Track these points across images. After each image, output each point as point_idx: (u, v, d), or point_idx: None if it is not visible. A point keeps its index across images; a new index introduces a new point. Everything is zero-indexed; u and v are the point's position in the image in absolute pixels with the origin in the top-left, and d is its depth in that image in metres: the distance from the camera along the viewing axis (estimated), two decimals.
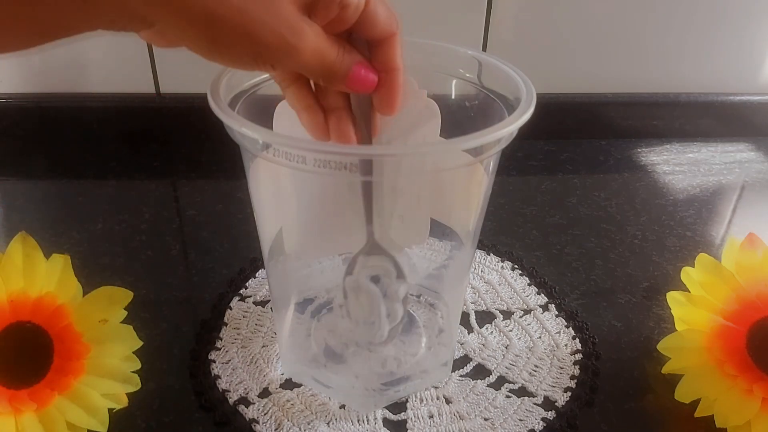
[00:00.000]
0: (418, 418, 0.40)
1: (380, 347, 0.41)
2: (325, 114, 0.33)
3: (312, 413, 0.40)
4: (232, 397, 0.41)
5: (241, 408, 0.40)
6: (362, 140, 0.34)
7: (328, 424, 0.40)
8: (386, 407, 0.41)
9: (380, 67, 0.31)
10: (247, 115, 0.31)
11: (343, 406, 0.41)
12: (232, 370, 0.43)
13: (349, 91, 0.31)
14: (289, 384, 0.42)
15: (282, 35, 0.26)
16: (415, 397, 0.41)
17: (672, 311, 0.43)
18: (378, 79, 0.31)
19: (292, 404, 0.40)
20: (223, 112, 0.31)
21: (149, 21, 0.25)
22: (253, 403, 0.40)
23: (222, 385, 0.42)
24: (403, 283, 0.37)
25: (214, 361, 0.43)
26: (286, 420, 0.39)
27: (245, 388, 0.41)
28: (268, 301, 0.49)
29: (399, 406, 0.41)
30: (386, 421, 0.40)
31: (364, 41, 0.30)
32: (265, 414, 0.40)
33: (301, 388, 0.42)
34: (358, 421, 0.40)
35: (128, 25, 0.25)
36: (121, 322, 0.40)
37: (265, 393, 0.41)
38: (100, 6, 0.24)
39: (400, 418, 0.40)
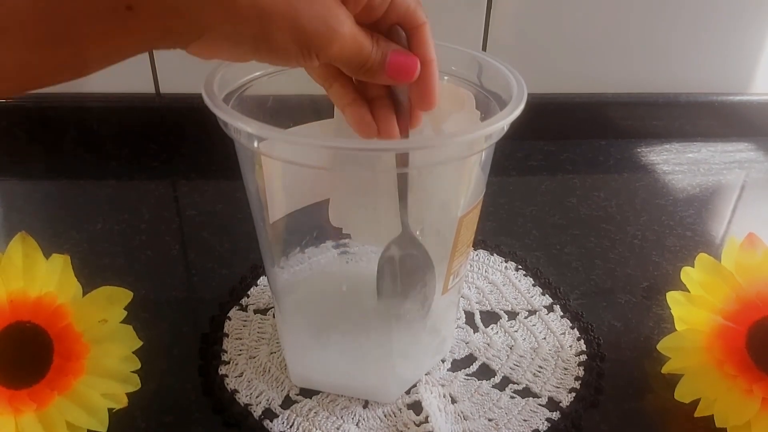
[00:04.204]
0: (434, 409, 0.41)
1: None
2: (370, 109, 0.34)
3: (338, 417, 0.40)
4: (257, 411, 0.40)
5: (266, 423, 0.40)
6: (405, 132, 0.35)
7: (357, 425, 0.40)
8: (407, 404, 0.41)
9: None
10: (241, 111, 0.32)
11: (366, 405, 0.41)
12: (248, 382, 0.42)
13: (391, 81, 0.31)
14: (307, 390, 0.42)
15: (325, 21, 0.27)
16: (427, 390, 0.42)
17: (672, 311, 0.43)
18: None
19: (316, 413, 0.40)
20: (218, 107, 0.31)
21: (201, 29, 0.25)
22: (278, 416, 0.40)
23: (242, 399, 0.41)
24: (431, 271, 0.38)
25: (227, 376, 0.43)
26: (315, 429, 0.39)
27: (267, 399, 0.41)
28: (269, 308, 0.48)
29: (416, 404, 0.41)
30: (411, 406, 0.41)
31: (402, 37, 0.31)
32: (291, 426, 0.40)
33: (320, 395, 0.42)
34: (385, 415, 0.40)
35: (179, 38, 0.26)
36: (120, 322, 0.40)
37: (287, 402, 0.41)
38: (149, 19, 0.24)
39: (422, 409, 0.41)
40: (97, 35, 0.24)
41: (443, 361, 0.45)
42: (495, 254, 0.55)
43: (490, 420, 0.40)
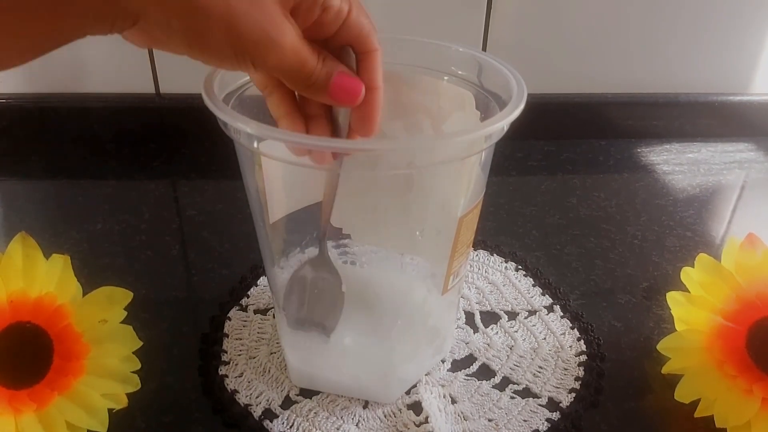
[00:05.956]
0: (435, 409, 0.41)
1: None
2: (306, 124, 0.33)
3: (338, 418, 0.40)
4: (257, 411, 0.40)
5: (266, 423, 0.40)
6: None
7: (357, 425, 0.40)
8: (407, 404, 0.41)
9: None
10: (241, 112, 0.32)
11: (366, 405, 0.41)
12: (248, 382, 0.42)
13: (333, 102, 0.31)
14: (307, 390, 0.42)
15: (264, 29, 0.26)
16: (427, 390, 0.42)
17: (672, 311, 0.43)
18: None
19: (316, 413, 0.40)
20: (218, 107, 0.31)
21: (134, 16, 0.25)
22: (278, 416, 0.40)
23: (242, 399, 0.41)
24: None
25: (227, 376, 0.43)
26: (315, 429, 0.39)
27: (267, 400, 0.41)
28: (269, 308, 0.48)
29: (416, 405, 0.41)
30: (411, 407, 0.41)
31: (352, 59, 0.31)
32: (291, 426, 0.40)
33: (320, 395, 0.42)
34: (385, 416, 0.40)
35: (114, 24, 0.25)
36: (120, 323, 0.41)
37: (287, 402, 0.41)
38: (83, 5, 0.24)
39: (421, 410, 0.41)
40: (29, 21, 0.24)
41: (443, 361, 0.45)
42: (495, 254, 0.55)
43: (490, 420, 0.40)
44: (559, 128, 0.75)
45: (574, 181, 0.68)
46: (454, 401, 0.42)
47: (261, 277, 0.51)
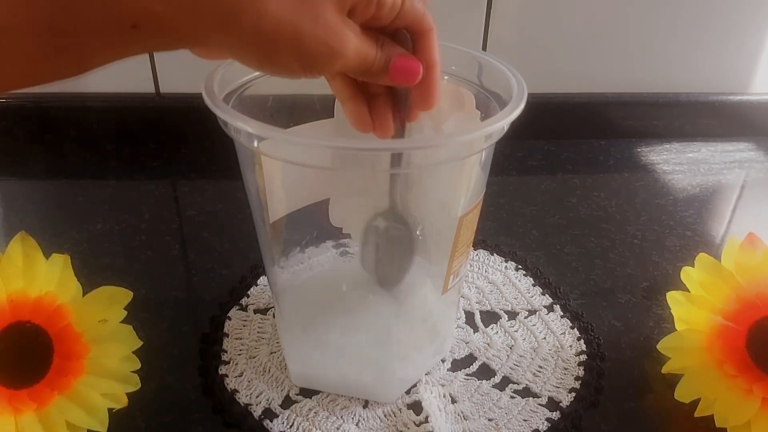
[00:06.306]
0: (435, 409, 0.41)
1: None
2: (368, 103, 0.34)
3: (338, 417, 0.40)
4: (257, 411, 0.40)
5: (266, 423, 0.40)
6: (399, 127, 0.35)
7: (357, 425, 0.40)
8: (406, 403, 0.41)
9: None
10: (241, 111, 0.32)
11: (366, 405, 0.41)
12: (248, 382, 0.42)
13: (393, 84, 0.32)
14: (307, 390, 0.42)
15: (328, 43, 0.27)
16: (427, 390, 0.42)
17: (672, 311, 0.43)
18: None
19: (316, 413, 0.40)
20: (218, 106, 0.31)
21: (204, 44, 0.27)
22: (278, 416, 0.40)
23: (242, 399, 0.41)
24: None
25: (227, 376, 0.43)
26: (315, 429, 0.39)
27: (267, 399, 0.41)
28: (269, 308, 0.48)
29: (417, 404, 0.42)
30: (411, 406, 0.41)
31: (407, 39, 0.31)
32: (291, 426, 0.40)
33: (320, 395, 0.42)
34: (385, 415, 0.40)
35: (182, 47, 0.26)
36: (120, 322, 0.41)
37: (287, 402, 0.41)
38: (152, 35, 0.25)
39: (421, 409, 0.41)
40: (99, 48, 0.25)
41: (443, 361, 0.45)
42: (495, 254, 0.55)
43: (490, 420, 0.40)
44: (559, 128, 0.75)
45: (574, 181, 0.68)
46: (454, 401, 0.42)
47: (261, 277, 0.51)
